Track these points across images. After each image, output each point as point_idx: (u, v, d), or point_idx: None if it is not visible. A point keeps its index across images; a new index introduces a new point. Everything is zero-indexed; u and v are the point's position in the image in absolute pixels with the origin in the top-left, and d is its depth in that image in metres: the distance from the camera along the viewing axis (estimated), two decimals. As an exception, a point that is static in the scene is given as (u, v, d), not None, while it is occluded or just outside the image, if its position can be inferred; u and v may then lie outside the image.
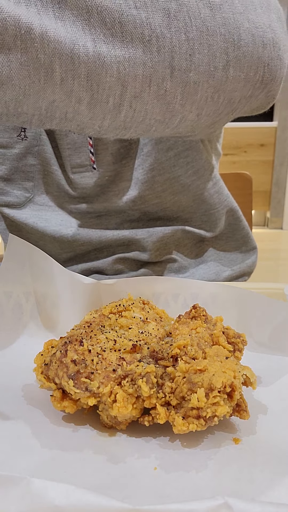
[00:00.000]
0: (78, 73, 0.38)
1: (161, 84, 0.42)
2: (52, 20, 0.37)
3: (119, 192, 0.70)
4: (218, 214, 0.78)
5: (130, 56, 0.40)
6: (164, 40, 0.41)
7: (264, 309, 0.49)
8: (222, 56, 0.44)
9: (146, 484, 0.32)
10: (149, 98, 0.43)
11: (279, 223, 4.06)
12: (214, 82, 0.44)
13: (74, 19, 0.37)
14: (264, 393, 0.42)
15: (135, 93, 0.42)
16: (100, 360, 0.37)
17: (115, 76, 0.40)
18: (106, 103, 0.41)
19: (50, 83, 0.38)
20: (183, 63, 0.42)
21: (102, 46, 0.38)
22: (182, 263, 0.77)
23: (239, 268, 0.81)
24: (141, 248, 0.73)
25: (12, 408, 0.40)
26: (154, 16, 0.40)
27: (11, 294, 0.52)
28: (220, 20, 0.43)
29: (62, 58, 0.37)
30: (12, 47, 0.35)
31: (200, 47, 0.42)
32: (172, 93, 0.43)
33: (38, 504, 0.27)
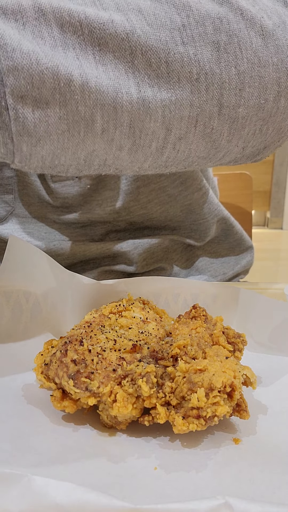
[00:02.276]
0: (120, 122, 0.36)
1: (207, 123, 0.39)
2: (92, 65, 0.34)
3: (103, 202, 0.67)
4: (208, 223, 0.76)
5: (177, 98, 0.37)
6: (213, 77, 0.38)
7: (264, 309, 0.49)
8: (273, 87, 0.41)
9: (146, 484, 0.32)
10: (194, 138, 0.40)
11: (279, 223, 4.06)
12: (263, 114, 0.42)
13: (117, 62, 0.35)
14: (264, 393, 0.42)
15: (180, 134, 0.39)
16: (100, 360, 0.37)
17: (160, 120, 0.37)
18: (149, 147, 0.39)
19: (90, 135, 0.35)
20: (232, 99, 0.39)
21: (147, 91, 0.36)
22: (172, 271, 0.75)
23: (232, 271, 0.80)
24: (127, 260, 0.71)
25: (13, 408, 0.40)
26: (202, 52, 0.37)
27: (11, 294, 0.52)
28: (273, 49, 0.40)
29: (104, 109, 0.35)
30: (51, 101, 0.33)
31: (251, 80, 0.39)
32: (219, 130, 0.41)
33: (39, 501, 0.27)
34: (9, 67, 0.31)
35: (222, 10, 0.38)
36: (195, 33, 0.37)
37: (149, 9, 0.36)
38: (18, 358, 0.47)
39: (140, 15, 0.36)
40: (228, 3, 0.38)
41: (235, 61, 0.38)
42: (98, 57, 0.34)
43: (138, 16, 0.36)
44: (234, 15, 0.38)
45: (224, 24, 0.38)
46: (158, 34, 0.36)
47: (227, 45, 0.38)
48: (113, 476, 0.33)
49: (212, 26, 0.37)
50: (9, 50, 0.31)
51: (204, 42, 0.37)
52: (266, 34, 0.39)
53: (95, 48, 0.34)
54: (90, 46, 0.34)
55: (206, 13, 0.37)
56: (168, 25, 0.36)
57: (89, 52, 0.34)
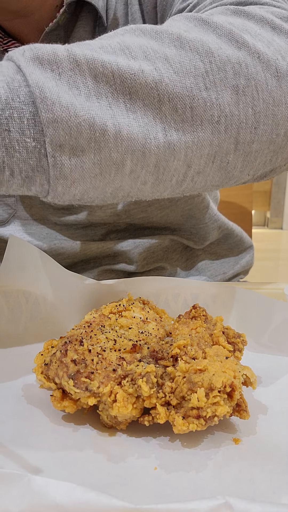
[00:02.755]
0: (147, 163, 0.38)
1: (224, 158, 0.42)
2: (124, 113, 0.36)
3: (103, 205, 0.69)
4: (208, 228, 0.77)
5: (199, 140, 0.39)
6: (232, 118, 0.40)
7: (264, 309, 0.49)
8: (285, 124, 0.43)
9: (146, 483, 0.32)
10: (211, 171, 0.43)
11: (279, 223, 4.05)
12: (274, 147, 0.44)
13: (146, 109, 0.37)
14: (264, 393, 0.42)
15: (199, 170, 0.42)
16: (100, 360, 0.37)
17: (182, 159, 0.40)
18: (170, 181, 0.41)
19: (119, 176, 0.38)
20: (248, 136, 0.42)
21: (172, 134, 0.38)
22: (172, 271, 0.76)
23: (232, 271, 0.80)
24: (127, 260, 0.72)
25: (13, 408, 0.40)
26: (223, 95, 0.39)
27: (11, 294, 0.52)
28: (286, 89, 0.42)
29: (134, 154, 0.37)
30: (86, 149, 0.35)
31: (265, 118, 0.42)
32: (234, 163, 0.43)
33: (39, 501, 0.27)
34: (49, 120, 0.33)
35: (241, 54, 0.40)
36: (217, 79, 0.39)
37: (175, 57, 0.39)
38: (18, 358, 0.47)
39: (167, 64, 0.38)
40: (246, 47, 0.41)
41: (252, 102, 0.41)
42: (129, 105, 0.36)
43: (165, 64, 0.38)
44: (252, 59, 0.41)
45: (243, 68, 0.40)
46: (183, 81, 0.38)
47: (245, 88, 0.40)
48: (113, 476, 0.33)
49: (232, 71, 0.40)
50: (49, 104, 0.33)
51: (225, 87, 0.40)
52: (280, 75, 0.42)
53: (126, 97, 0.36)
54: (121, 95, 0.36)
55: (226, 58, 0.40)
56: (193, 72, 0.39)
57: (120, 100, 0.36)
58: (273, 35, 0.43)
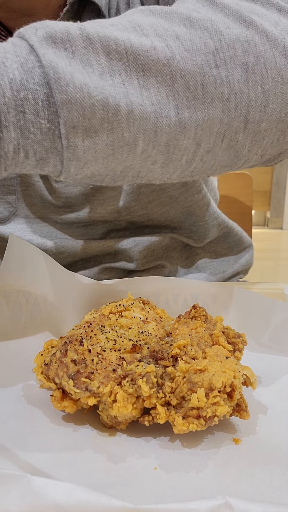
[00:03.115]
0: (158, 142, 0.38)
1: (233, 137, 0.42)
2: (137, 91, 0.36)
3: (104, 201, 0.69)
4: (208, 226, 0.77)
5: (209, 117, 0.40)
6: (242, 96, 0.40)
7: (264, 309, 0.49)
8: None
9: (146, 483, 0.32)
10: (220, 151, 0.43)
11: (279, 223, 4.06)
12: (282, 126, 0.45)
13: (159, 86, 0.37)
14: (264, 393, 0.42)
15: (208, 148, 0.42)
16: (100, 360, 0.37)
17: (192, 137, 0.40)
18: (180, 161, 0.41)
19: (131, 156, 0.38)
20: (257, 115, 0.42)
21: (184, 112, 0.38)
22: (171, 269, 0.76)
23: (231, 270, 0.80)
24: (127, 258, 0.72)
25: (13, 408, 0.40)
26: (233, 73, 0.40)
27: (11, 294, 0.52)
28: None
29: (146, 134, 0.37)
30: (99, 130, 0.35)
31: (275, 97, 0.42)
32: (242, 143, 0.44)
33: (39, 502, 0.27)
34: (63, 100, 0.33)
35: (249, 33, 0.41)
36: (226, 56, 0.40)
37: (185, 35, 0.39)
38: (18, 358, 0.47)
39: (178, 41, 0.38)
40: (254, 26, 0.41)
41: (262, 80, 0.41)
42: (142, 82, 0.37)
43: (176, 42, 0.38)
44: (260, 37, 0.41)
45: (252, 47, 0.41)
46: (194, 59, 0.38)
47: (254, 66, 0.41)
48: (113, 476, 0.33)
49: (242, 49, 0.40)
50: (63, 84, 0.33)
51: (234, 64, 0.40)
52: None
53: (139, 74, 0.37)
54: (134, 72, 0.36)
55: (235, 37, 0.40)
56: (203, 50, 0.39)
57: (133, 77, 0.36)
58: (279, 16, 0.43)
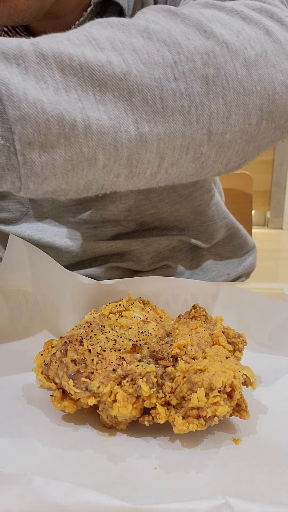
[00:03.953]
0: (120, 157, 0.38)
1: (198, 149, 0.42)
2: (94, 106, 0.36)
3: (116, 199, 0.69)
4: (216, 226, 0.78)
5: (171, 131, 0.39)
6: (203, 108, 0.40)
7: (264, 309, 0.49)
8: (256, 113, 0.43)
9: (146, 483, 0.32)
10: (185, 163, 0.43)
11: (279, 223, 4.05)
12: (246, 136, 0.44)
13: (116, 101, 0.37)
14: (264, 393, 0.42)
15: (173, 161, 0.42)
16: (100, 360, 0.37)
17: (155, 152, 0.39)
18: (144, 174, 0.41)
19: (92, 170, 0.38)
20: (220, 126, 0.42)
21: (144, 127, 0.38)
22: (177, 270, 0.76)
23: (235, 272, 0.81)
24: (135, 258, 0.73)
25: (13, 408, 0.40)
26: (193, 86, 0.39)
27: (11, 294, 0.52)
28: (256, 78, 0.42)
29: (105, 148, 0.37)
30: (56, 145, 0.35)
31: (237, 108, 0.42)
32: (207, 154, 0.43)
33: (39, 502, 0.27)
34: (16, 117, 0.33)
35: (209, 44, 0.40)
36: (185, 69, 0.39)
37: (143, 48, 0.38)
38: (18, 358, 0.47)
39: (135, 55, 0.38)
40: (214, 37, 0.41)
41: (223, 92, 0.41)
42: (98, 98, 0.36)
43: (133, 55, 0.38)
44: (220, 48, 0.41)
45: (212, 58, 0.40)
46: (152, 72, 0.38)
47: (215, 78, 0.40)
48: (113, 476, 0.33)
49: (201, 61, 0.40)
50: (16, 100, 0.33)
51: (194, 77, 0.39)
52: (249, 65, 0.42)
53: (95, 89, 0.36)
54: (90, 88, 0.36)
55: (194, 49, 0.40)
56: (161, 63, 0.38)
57: (89, 93, 0.36)
58: (243, 25, 0.43)
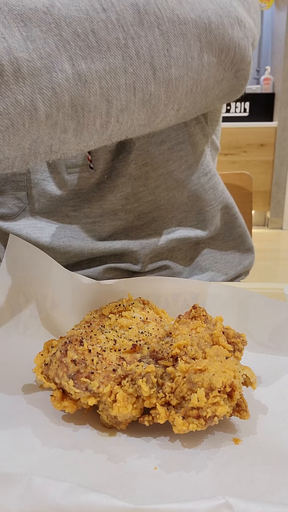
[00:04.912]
0: (62, 102, 0.35)
1: (145, 88, 0.40)
2: (21, 43, 0.32)
3: (114, 188, 0.69)
4: (213, 211, 0.77)
5: (111, 67, 0.37)
6: (140, 40, 0.38)
7: (264, 309, 0.49)
8: (196, 44, 0.42)
9: (146, 483, 0.32)
10: (135, 107, 0.40)
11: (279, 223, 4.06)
12: (192, 74, 0.43)
13: (45, 36, 0.33)
14: (264, 393, 0.42)
15: (121, 106, 0.39)
16: (100, 360, 0.37)
17: (99, 93, 0.37)
18: (93, 125, 0.38)
19: (34, 124, 0.34)
20: (163, 60, 0.40)
21: (80, 64, 0.35)
22: (175, 269, 0.76)
23: (234, 271, 0.81)
24: (133, 259, 0.72)
25: (12, 408, 0.40)
26: (124, 15, 0.37)
27: (11, 294, 0.52)
28: (187, 6, 0.41)
29: (43, 93, 0.33)
30: None
31: (175, 39, 0.40)
32: (157, 95, 0.41)
33: (39, 501, 0.27)
34: None
35: None
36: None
37: None
38: (18, 358, 0.47)
39: None
40: None
41: (157, 21, 0.39)
42: (25, 34, 0.32)
43: None
44: None
45: None
46: (77, 4, 0.35)
47: (146, 6, 0.38)
48: (113, 476, 0.33)
49: None
50: None
51: (124, 6, 0.37)
52: None
53: (19, 24, 0.32)
54: (13, 23, 0.32)
55: None
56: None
57: (14, 29, 0.32)
58: None
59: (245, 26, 0.49)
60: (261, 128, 3.88)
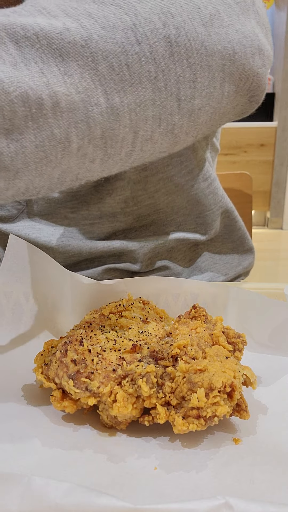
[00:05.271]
0: (94, 135, 0.35)
1: (170, 119, 0.40)
2: (59, 78, 0.32)
3: (113, 191, 0.69)
4: (213, 215, 0.77)
5: (141, 100, 0.37)
6: (170, 72, 0.38)
7: (264, 309, 0.49)
8: (219, 75, 0.42)
9: (146, 483, 0.32)
10: (159, 137, 0.41)
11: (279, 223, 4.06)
12: (213, 102, 0.43)
13: (81, 71, 0.34)
14: (264, 393, 0.42)
15: (147, 136, 0.39)
16: (100, 360, 0.37)
17: (128, 125, 0.37)
18: (119, 154, 0.39)
19: (66, 155, 0.35)
20: (188, 91, 0.40)
21: (114, 97, 0.35)
22: (175, 270, 0.76)
23: (234, 272, 0.81)
24: (132, 259, 0.72)
25: (13, 408, 0.40)
26: (157, 48, 0.37)
27: (11, 294, 0.52)
28: (215, 37, 0.41)
29: (78, 127, 0.34)
30: (24, 130, 0.31)
31: (202, 70, 0.41)
32: (180, 125, 0.42)
33: (39, 501, 0.27)
34: None
35: (163, 4, 0.39)
36: (146, 30, 0.37)
37: (98, 12, 0.36)
38: (18, 358, 0.47)
39: (91, 19, 0.35)
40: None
41: (186, 53, 0.39)
42: (62, 69, 0.33)
43: (90, 20, 0.35)
44: (175, 8, 0.39)
45: (169, 18, 0.38)
46: (113, 37, 0.35)
47: (177, 38, 0.39)
48: (113, 476, 0.33)
49: (160, 21, 0.38)
50: None
51: (157, 38, 0.37)
52: (206, 24, 0.41)
53: (57, 59, 0.33)
54: (51, 58, 0.33)
55: (150, 9, 0.38)
56: (120, 26, 0.36)
57: (52, 64, 0.32)
58: None
59: (264, 54, 0.49)
60: (261, 128, 3.88)
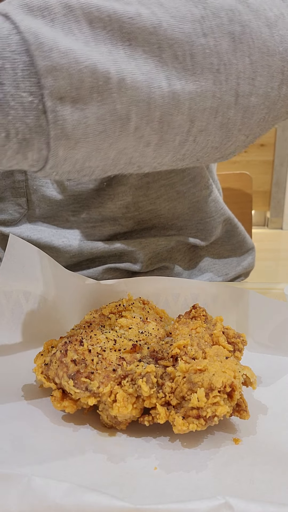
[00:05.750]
0: (152, 118, 0.36)
1: (226, 113, 0.41)
2: (125, 60, 0.34)
3: (114, 196, 0.69)
4: (214, 222, 0.77)
5: (202, 90, 0.38)
6: (231, 67, 0.39)
7: (264, 309, 0.49)
8: (278, 76, 0.43)
9: (146, 483, 0.32)
10: (213, 129, 0.41)
11: (279, 223, 4.05)
12: (268, 103, 0.44)
13: (146, 56, 0.35)
14: (264, 393, 0.42)
15: (201, 127, 0.40)
16: (100, 360, 0.37)
17: (186, 113, 0.38)
18: (173, 141, 0.39)
19: (124, 134, 0.35)
20: (246, 88, 0.41)
21: (176, 84, 0.36)
22: (175, 270, 0.76)
23: (234, 272, 0.81)
24: (133, 259, 0.72)
25: (13, 408, 0.40)
26: (221, 42, 0.38)
27: (11, 294, 0.52)
28: (278, 38, 0.42)
29: (139, 106, 0.35)
30: (88, 101, 0.32)
31: (262, 69, 0.41)
32: (234, 120, 0.42)
33: (39, 501, 0.27)
34: (47, 68, 0.30)
35: (232, 1, 0.40)
36: (213, 24, 0.38)
37: (169, 2, 0.37)
38: (18, 358, 0.47)
39: (162, 8, 0.36)
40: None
41: (249, 50, 0.40)
42: (129, 52, 0.34)
43: (161, 9, 0.36)
44: (243, 6, 0.40)
45: (236, 15, 0.39)
46: (182, 27, 0.37)
47: (241, 35, 0.39)
48: (113, 476, 0.33)
49: (227, 17, 0.39)
50: (46, 50, 0.30)
51: (222, 33, 0.38)
52: (271, 25, 0.41)
53: (125, 43, 0.34)
54: (120, 42, 0.34)
55: (219, 5, 0.39)
56: (189, 17, 0.37)
57: (119, 47, 0.34)
58: None
59: None
60: (261, 128, 3.87)
